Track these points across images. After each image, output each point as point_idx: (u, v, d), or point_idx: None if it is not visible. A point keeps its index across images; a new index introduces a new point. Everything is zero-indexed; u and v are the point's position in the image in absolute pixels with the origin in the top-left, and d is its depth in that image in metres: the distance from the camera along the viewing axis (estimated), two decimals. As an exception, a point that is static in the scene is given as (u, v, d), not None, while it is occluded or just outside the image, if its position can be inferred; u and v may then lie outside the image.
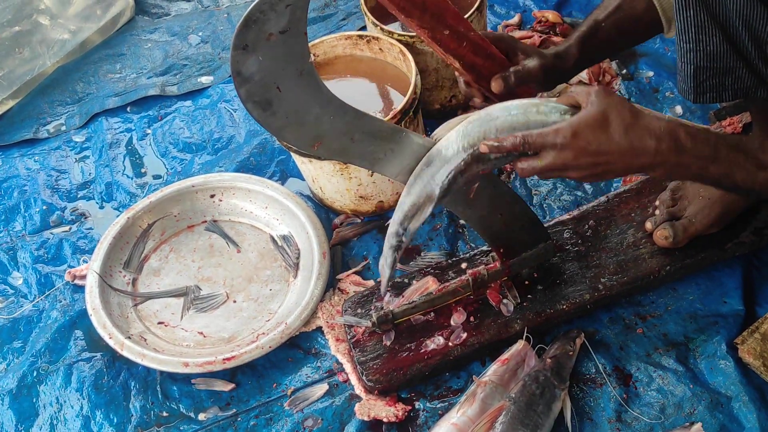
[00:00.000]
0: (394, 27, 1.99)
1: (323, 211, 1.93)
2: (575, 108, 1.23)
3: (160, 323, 1.75)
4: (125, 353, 1.63)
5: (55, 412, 1.64)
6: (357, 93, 1.88)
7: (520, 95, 1.35)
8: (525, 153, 1.22)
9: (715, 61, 1.26)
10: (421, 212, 1.33)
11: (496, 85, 1.37)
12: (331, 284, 1.77)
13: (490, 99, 1.42)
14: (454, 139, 1.27)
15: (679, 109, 2.00)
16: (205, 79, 2.37)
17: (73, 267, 1.89)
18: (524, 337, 1.55)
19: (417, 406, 1.56)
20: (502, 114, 1.25)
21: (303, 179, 1.98)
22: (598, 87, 1.21)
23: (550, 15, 2.27)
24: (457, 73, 1.41)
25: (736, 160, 1.22)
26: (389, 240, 1.39)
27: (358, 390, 1.58)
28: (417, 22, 1.28)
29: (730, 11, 1.20)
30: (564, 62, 1.45)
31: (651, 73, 2.10)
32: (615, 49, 1.61)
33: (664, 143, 1.19)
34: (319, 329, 1.70)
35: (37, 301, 1.85)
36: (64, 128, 2.29)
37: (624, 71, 2.11)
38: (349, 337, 1.63)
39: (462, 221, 1.86)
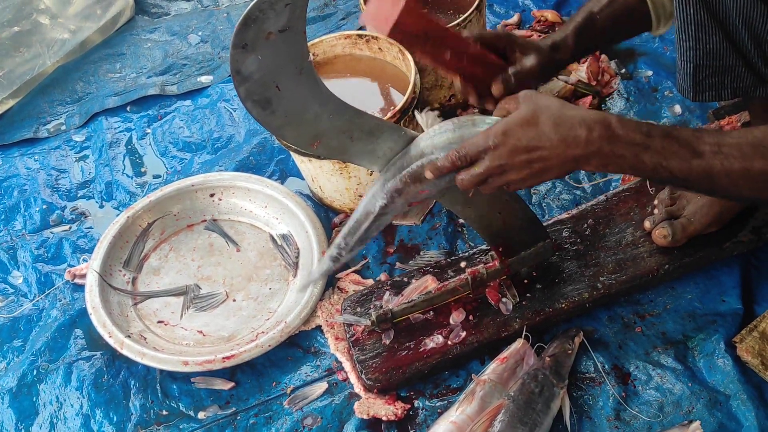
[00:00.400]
0: (394, 26, 1.99)
1: (323, 210, 1.93)
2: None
3: (159, 322, 1.75)
4: (125, 352, 1.64)
5: (55, 411, 1.64)
6: (356, 92, 1.88)
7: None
8: (464, 167, 1.24)
9: (714, 59, 1.26)
10: (360, 228, 1.36)
11: (496, 89, 1.37)
12: (330, 283, 1.77)
13: (485, 98, 1.42)
14: (394, 160, 1.30)
15: (678, 109, 2.00)
16: (205, 79, 2.37)
17: (73, 266, 1.90)
18: (523, 336, 1.56)
19: (416, 405, 1.56)
20: (438, 131, 1.26)
21: (302, 178, 1.98)
22: (525, 90, 1.21)
23: (549, 14, 2.27)
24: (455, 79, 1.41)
25: (669, 148, 1.19)
26: (330, 249, 1.42)
27: (358, 388, 1.58)
28: (420, 51, 1.30)
29: (730, 10, 1.20)
30: (560, 53, 1.45)
31: (650, 73, 2.11)
32: (609, 41, 1.61)
33: (595, 132, 1.17)
34: (319, 328, 1.70)
35: (37, 300, 1.85)
36: (64, 128, 2.29)
37: (623, 70, 2.12)
38: (348, 336, 1.63)
39: (461, 220, 1.86)
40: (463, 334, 1.59)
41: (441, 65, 1.35)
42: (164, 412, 1.62)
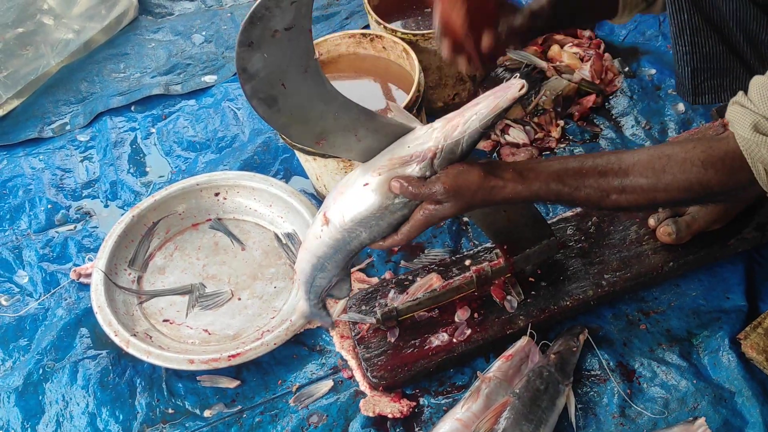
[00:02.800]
0: (397, 25, 2.00)
1: (327, 209, 1.93)
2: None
3: (165, 321, 1.76)
4: (131, 350, 1.64)
5: (61, 410, 1.64)
6: (360, 91, 1.89)
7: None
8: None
9: (712, 62, 1.27)
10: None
11: (487, 41, 1.37)
12: (335, 281, 1.77)
13: (470, 63, 1.43)
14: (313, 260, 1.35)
15: (681, 107, 2.00)
16: (209, 78, 2.37)
17: (79, 265, 1.90)
18: (528, 334, 1.56)
19: (421, 402, 1.56)
20: (364, 216, 1.27)
21: (307, 177, 1.98)
22: (444, 189, 1.22)
23: (553, 13, 2.27)
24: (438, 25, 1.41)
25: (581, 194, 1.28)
26: (313, 305, 1.46)
27: (363, 386, 1.59)
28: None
29: (723, 13, 1.21)
30: (540, 21, 1.46)
31: (653, 71, 2.11)
32: (573, 22, 1.63)
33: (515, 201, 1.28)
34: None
35: (43, 300, 1.85)
36: (68, 127, 2.30)
37: (626, 69, 2.12)
38: (353, 334, 1.64)
39: (465, 218, 1.86)
40: (468, 331, 1.59)
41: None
42: (170, 411, 1.62)
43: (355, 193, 1.27)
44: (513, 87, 1.17)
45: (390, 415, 1.53)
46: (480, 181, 1.22)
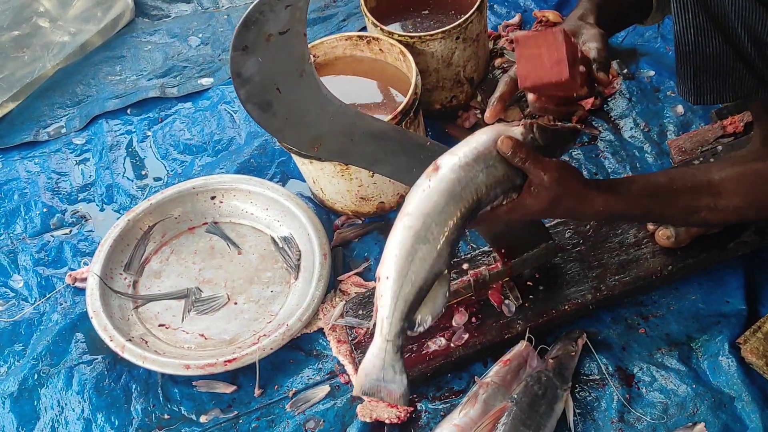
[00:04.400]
0: (394, 27, 1.99)
1: (324, 212, 1.93)
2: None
3: (161, 325, 1.75)
4: (126, 356, 1.63)
5: (57, 415, 1.64)
6: (357, 94, 1.88)
7: None
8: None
9: (715, 62, 1.26)
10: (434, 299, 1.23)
11: (603, 77, 1.29)
12: (332, 286, 1.76)
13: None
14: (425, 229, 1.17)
15: (680, 109, 1.99)
16: (206, 81, 2.36)
17: (74, 269, 1.89)
18: (526, 338, 1.55)
19: (419, 408, 1.55)
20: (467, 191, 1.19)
21: (304, 180, 1.97)
22: (550, 174, 1.21)
23: (551, 15, 2.26)
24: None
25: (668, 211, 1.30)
26: (392, 339, 1.20)
27: (360, 391, 1.58)
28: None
29: (729, 13, 1.20)
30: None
31: (652, 73, 2.10)
32: (616, 28, 1.56)
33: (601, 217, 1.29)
34: (321, 331, 1.69)
35: (38, 304, 1.85)
36: (64, 131, 2.29)
37: (625, 71, 2.11)
38: (350, 339, 1.63)
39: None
40: (466, 336, 1.58)
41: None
42: (166, 416, 1.62)
43: (470, 138, 1.22)
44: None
45: (387, 421, 1.52)
46: (579, 186, 1.23)
